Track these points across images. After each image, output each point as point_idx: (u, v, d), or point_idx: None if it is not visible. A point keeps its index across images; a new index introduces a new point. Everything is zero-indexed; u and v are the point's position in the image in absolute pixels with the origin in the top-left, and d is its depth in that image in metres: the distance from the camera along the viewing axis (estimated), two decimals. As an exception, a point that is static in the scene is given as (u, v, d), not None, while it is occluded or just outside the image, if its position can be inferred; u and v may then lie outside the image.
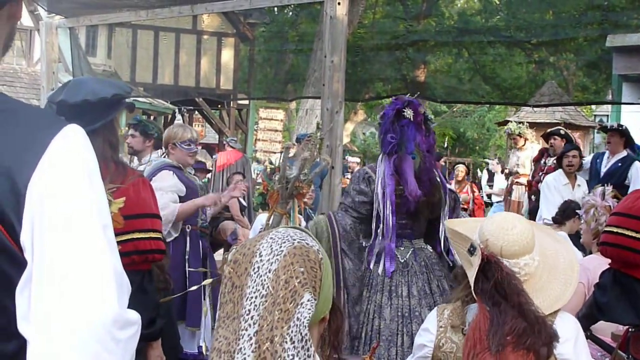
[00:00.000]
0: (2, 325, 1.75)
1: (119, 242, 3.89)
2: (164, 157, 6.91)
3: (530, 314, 3.12)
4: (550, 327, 3.17)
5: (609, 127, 11.48)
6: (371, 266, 5.47)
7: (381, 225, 5.39)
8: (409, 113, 5.34)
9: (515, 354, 3.07)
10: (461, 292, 3.42)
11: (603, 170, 10.64)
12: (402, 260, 5.50)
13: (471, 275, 3.21)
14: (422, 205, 5.45)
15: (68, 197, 1.74)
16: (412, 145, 5.35)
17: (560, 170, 10.60)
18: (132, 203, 3.94)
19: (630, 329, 4.12)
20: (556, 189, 10.42)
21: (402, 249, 5.55)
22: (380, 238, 5.44)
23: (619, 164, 10.46)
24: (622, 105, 14.79)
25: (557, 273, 3.45)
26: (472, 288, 3.18)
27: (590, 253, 5.76)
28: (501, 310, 3.12)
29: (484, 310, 3.13)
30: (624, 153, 10.62)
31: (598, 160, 11.00)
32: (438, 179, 5.56)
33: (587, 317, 4.14)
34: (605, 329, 4.45)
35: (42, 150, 1.74)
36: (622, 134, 10.72)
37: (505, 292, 3.14)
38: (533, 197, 12.05)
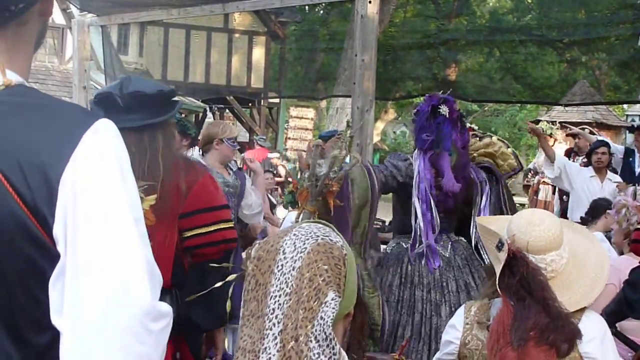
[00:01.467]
0: (36, 318, 1.78)
1: (207, 233, 3.97)
2: (200, 155, 7.00)
3: (554, 309, 3.12)
4: (573, 324, 3.16)
5: (636, 127, 11.37)
6: (415, 263, 5.50)
7: (419, 222, 5.43)
8: (444, 110, 5.37)
9: (537, 349, 3.06)
10: (489, 288, 3.41)
11: (637, 169, 10.55)
12: (446, 256, 5.53)
13: (498, 270, 3.20)
14: (458, 201, 5.47)
15: (100, 191, 1.77)
16: (449, 142, 5.39)
17: (589, 168, 10.48)
18: (213, 196, 4.16)
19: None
20: (583, 180, 10.30)
21: (441, 243, 5.58)
22: (419, 234, 5.47)
23: None
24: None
25: (587, 272, 3.43)
26: (497, 283, 3.17)
27: (622, 253, 5.72)
28: (525, 305, 3.12)
29: (508, 304, 3.13)
30: None
31: (631, 159, 10.89)
32: (472, 176, 5.57)
33: (615, 314, 4.13)
34: (635, 328, 4.42)
35: (75, 144, 1.76)
36: None
37: (531, 288, 3.14)
38: (565, 198, 11.92)
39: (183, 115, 22.56)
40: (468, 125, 7.78)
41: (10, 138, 1.76)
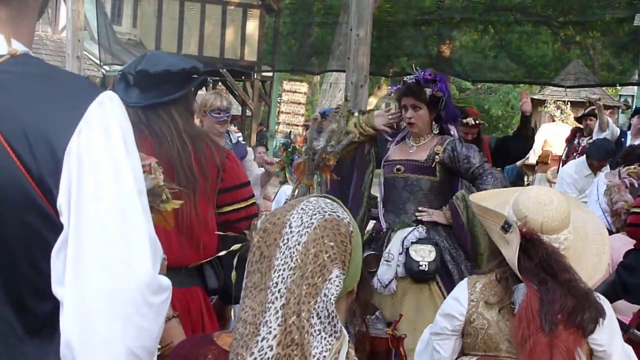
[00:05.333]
0: (38, 287, 1.78)
1: (245, 207, 4.04)
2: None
3: (579, 290, 3.10)
4: (598, 303, 3.15)
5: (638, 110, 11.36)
6: None
7: None
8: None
9: (566, 332, 3.05)
10: (497, 267, 3.37)
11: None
12: None
13: (512, 254, 3.16)
14: None
15: (105, 163, 1.77)
16: None
17: (582, 160, 10.41)
18: (243, 172, 4.23)
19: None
20: (575, 181, 10.28)
21: None
22: None
23: None
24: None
25: (589, 243, 3.42)
26: (517, 267, 3.14)
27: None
28: (549, 288, 3.09)
29: (533, 289, 3.10)
30: None
31: (623, 140, 10.91)
32: None
33: (607, 297, 4.13)
34: (622, 307, 4.43)
35: (80, 116, 1.76)
36: None
37: (554, 270, 3.11)
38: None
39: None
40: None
41: (16, 108, 1.75)
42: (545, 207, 3.28)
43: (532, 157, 15.41)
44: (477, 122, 8.15)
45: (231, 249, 2.55)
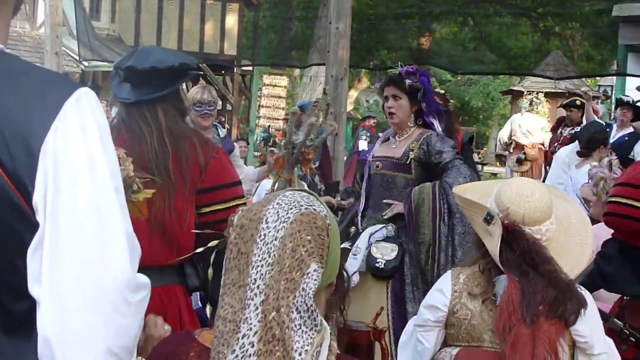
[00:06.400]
0: (15, 286, 1.77)
1: (226, 209, 3.99)
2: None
3: (561, 281, 3.11)
4: (579, 294, 3.16)
5: (624, 101, 11.42)
6: None
7: None
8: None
9: (548, 322, 3.06)
10: (480, 259, 3.38)
11: (611, 139, 10.61)
12: None
13: (494, 245, 3.17)
14: None
15: (81, 160, 1.75)
16: None
17: (575, 145, 10.49)
18: (230, 171, 4.12)
19: (625, 298, 4.13)
20: (565, 164, 10.35)
21: None
22: None
23: (626, 138, 10.41)
24: (627, 76, 14.74)
25: (572, 233, 3.43)
26: (498, 259, 3.15)
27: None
28: (530, 279, 3.10)
29: (514, 281, 3.11)
30: (630, 129, 10.57)
31: (608, 130, 10.97)
32: None
33: (586, 286, 4.14)
34: (609, 297, 4.45)
35: (56, 112, 1.74)
36: (635, 110, 10.72)
37: (535, 261, 3.12)
38: (549, 168, 11.88)
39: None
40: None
41: None
42: (527, 199, 3.30)
43: (498, 147, 15.56)
44: (445, 94, 8.17)
45: (208, 245, 2.54)
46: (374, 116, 23.26)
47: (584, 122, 11.50)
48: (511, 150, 15.09)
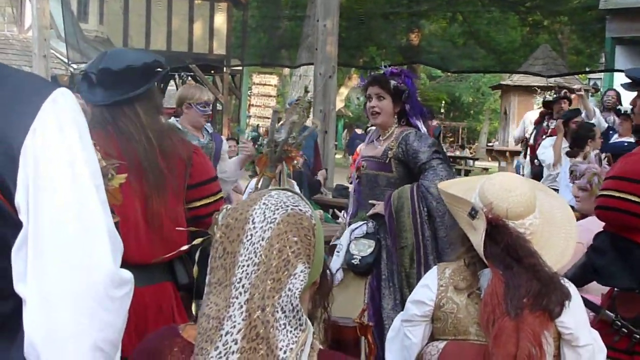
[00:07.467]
0: (0, 286, 1.77)
1: (215, 202, 4.01)
2: (174, 118, 6.96)
3: (544, 274, 3.12)
4: (563, 287, 3.18)
5: (622, 112, 11.43)
6: None
7: None
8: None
9: (532, 315, 3.08)
10: (464, 253, 3.39)
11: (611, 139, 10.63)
12: None
13: (478, 239, 3.18)
14: None
15: (61, 159, 1.76)
16: None
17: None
18: (211, 166, 4.22)
19: (615, 289, 4.14)
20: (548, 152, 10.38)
21: None
22: None
23: (625, 144, 10.39)
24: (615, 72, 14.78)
25: (557, 228, 3.44)
26: (482, 253, 3.17)
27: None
28: (514, 273, 3.12)
29: (498, 274, 3.12)
30: (632, 139, 10.57)
31: (611, 132, 11.01)
32: None
33: (578, 280, 4.14)
34: (597, 288, 4.45)
35: (34, 114, 1.75)
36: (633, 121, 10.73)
37: (518, 255, 3.14)
38: (536, 161, 11.81)
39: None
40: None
41: None
42: (510, 193, 3.31)
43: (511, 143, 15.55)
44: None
45: (193, 243, 2.55)
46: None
47: (583, 115, 11.46)
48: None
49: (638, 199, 3.81)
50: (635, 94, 4.28)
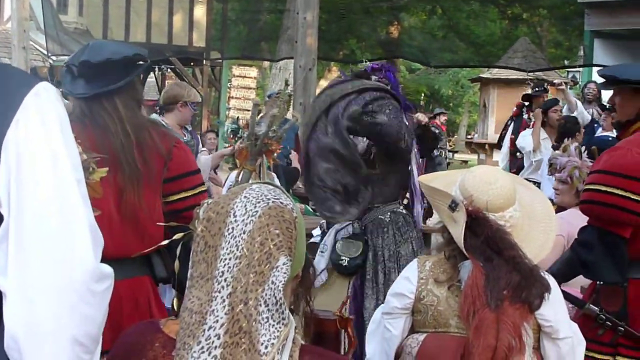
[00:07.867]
0: None
1: (194, 195, 4.01)
2: (159, 115, 7.00)
3: (524, 266, 3.15)
4: (543, 279, 3.21)
5: (607, 107, 11.47)
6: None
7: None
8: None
9: (512, 307, 3.10)
10: (446, 246, 3.41)
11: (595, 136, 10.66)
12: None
13: (458, 232, 3.20)
14: None
15: (43, 153, 1.77)
16: None
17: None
18: (192, 159, 4.22)
19: (598, 283, 4.15)
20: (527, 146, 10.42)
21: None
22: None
23: (609, 138, 10.42)
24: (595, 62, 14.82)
25: (536, 221, 3.47)
26: (463, 245, 3.19)
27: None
28: (494, 265, 3.14)
29: (479, 266, 3.15)
30: (615, 133, 10.59)
31: (595, 125, 11.04)
32: None
33: (564, 275, 4.15)
34: (577, 282, 4.47)
35: (16, 107, 1.75)
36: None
37: (499, 247, 3.16)
38: (518, 154, 11.76)
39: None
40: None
41: None
42: (490, 186, 3.33)
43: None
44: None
45: (174, 237, 2.54)
46: (445, 112, 23.04)
47: (564, 111, 11.48)
48: None
49: (625, 193, 3.84)
50: (612, 92, 4.31)
